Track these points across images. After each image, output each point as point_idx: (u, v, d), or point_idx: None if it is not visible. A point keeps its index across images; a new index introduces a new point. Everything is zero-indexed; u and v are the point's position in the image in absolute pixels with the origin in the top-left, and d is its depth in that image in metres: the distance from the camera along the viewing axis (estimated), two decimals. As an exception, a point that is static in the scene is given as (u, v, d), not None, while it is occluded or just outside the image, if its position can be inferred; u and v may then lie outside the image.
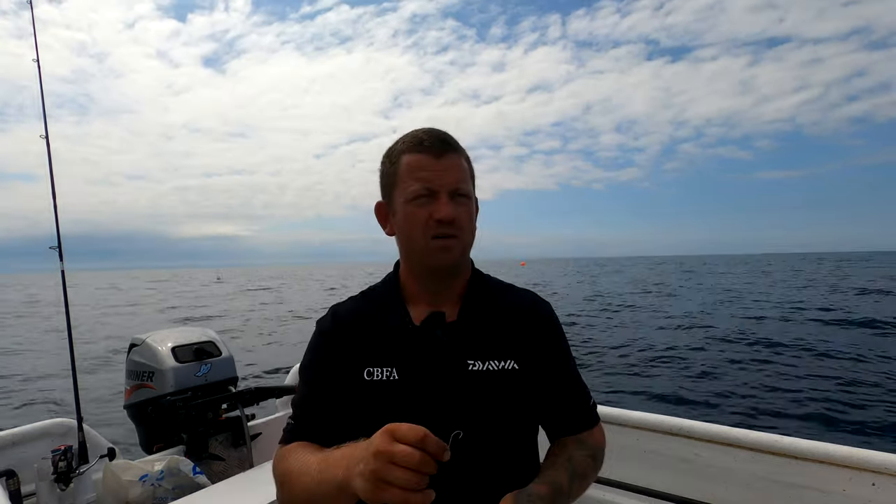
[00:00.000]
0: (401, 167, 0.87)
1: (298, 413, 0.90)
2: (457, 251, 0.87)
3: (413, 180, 0.85)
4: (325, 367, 0.89)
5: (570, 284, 35.61)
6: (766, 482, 1.48)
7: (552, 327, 0.94)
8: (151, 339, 2.16)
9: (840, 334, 11.03)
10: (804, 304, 16.98)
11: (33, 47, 2.13)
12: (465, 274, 0.96)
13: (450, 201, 0.84)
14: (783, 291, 22.96)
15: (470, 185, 0.90)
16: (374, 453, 0.58)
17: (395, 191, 0.89)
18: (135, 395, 2.14)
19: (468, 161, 0.92)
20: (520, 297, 0.96)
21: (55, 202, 2.08)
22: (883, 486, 1.31)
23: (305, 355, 0.93)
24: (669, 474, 1.66)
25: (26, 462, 1.78)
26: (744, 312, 15.54)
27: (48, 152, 2.11)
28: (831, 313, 14.11)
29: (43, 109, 2.12)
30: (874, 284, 24.12)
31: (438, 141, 0.86)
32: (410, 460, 0.56)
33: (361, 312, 0.93)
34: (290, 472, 0.78)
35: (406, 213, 0.86)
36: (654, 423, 1.69)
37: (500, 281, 1.01)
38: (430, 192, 0.84)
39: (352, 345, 0.89)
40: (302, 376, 0.93)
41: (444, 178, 0.84)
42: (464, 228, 0.87)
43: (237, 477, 1.70)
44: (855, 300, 17.57)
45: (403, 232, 0.89)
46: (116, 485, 1.70)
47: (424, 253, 0.87)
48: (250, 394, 2.16)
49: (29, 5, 2.14)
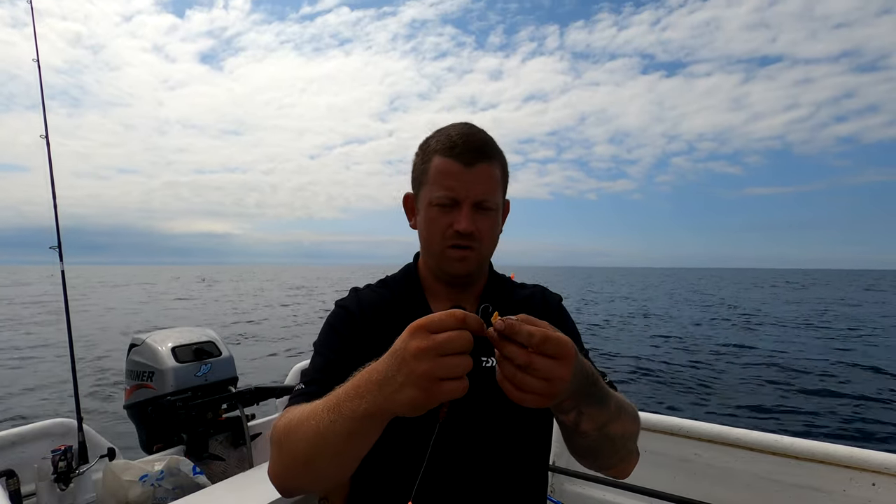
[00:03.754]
0: (430, 168, 0.86)
1: (310, 381, 0.82)
2: (472, 262, 0.87)
3: (439, 186, 0.84)
4: (344, 342, 0.86)
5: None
6: (766, 482, 1.48)
7: (561, 315, 0.97)
8: (151, 339, 2.16)
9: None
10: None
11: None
12: (484, 275, 0.98)
13: (472, 213, 0.83)
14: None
15: (498, 195, 0.88)
16: (415, 354, 0.52)
17: (422, 189, 0.88)
18: (135, 395, 2.14)
19: (503, 167, 0.89)
20: (531, 292, 1.00)
21: (55, 202, 2.09)
22: (883, 486, 1.31)
23: (324, 329, 0.90)
24: (669, 474, 1.66)
25: (26, 462, 1.78)
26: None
27: (48, 153, 2.11)
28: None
29: (43, 110, 2.12)
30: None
31: (472, 149, 0.83)
32: (461, 343, 0.52)
33: (384, 301, 0.93)
34: (290, 423, 0.68)
35: (428, 216, 0.86)
36: (654, 423, 1.69)
37: (513, 281, 1.04)
38: (454, 201, 0.83)
39: (374, 331, 0.87)
40: (318, 348, 0.88)
41: (471, 189, 0.83)
42: (483, 241, 0.87)
43: (237, 477, 1.70)
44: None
45: (423, 233, 0.90)
46: (116, 485, 1.70)
47: (440, 258, 0.87)
48: (250, 394, 2.17)
49: (29, 4, 2.14)
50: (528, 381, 0.54)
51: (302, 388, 0.81)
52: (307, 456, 0.65)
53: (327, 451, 0.63)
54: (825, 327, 15.81)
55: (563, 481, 1.90)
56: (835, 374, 8.99)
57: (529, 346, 0.53)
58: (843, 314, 20.42)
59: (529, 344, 0.53)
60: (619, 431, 0.73)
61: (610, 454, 0.77)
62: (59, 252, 2.07)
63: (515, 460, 0.86)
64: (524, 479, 0.87)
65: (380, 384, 0.56)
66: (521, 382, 0.54)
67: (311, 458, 0.65)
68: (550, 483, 1.92)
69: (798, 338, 13.13)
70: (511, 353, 0.54)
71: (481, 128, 0.88)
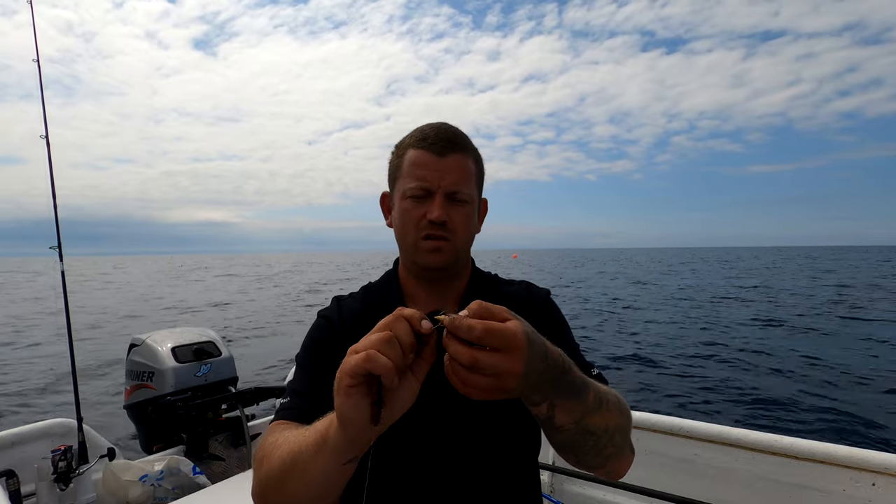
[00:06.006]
0: (404, 161, 0.86)
1: (293, 395, 0.83)
2: (446, 253, 0.86)
3: (412, 177, 0.85)
4: (325, 353, 0.86)
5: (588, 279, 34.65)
6: (766, 482, 1.48)
7: (548, 308, 0.94)
8: (151, 339, 2.16)
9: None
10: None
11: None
12: (465, 275, 0.96)
13: (445, 203, 0.84)
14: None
15: (472, 186, 0.88)
16: (341, 369, 0.53)
17: (396, 184, 0.89)
18: (135, 395, 2.14)
19: (477, 162, 0.90)
20: (516, 290, 0.97)
21: (55, 202, 2.09)
22: (883, 486, 1.31)
23: (305, 342, 0.91)
24: (669, 474, 1.66)
25: (26, 462, 1.79)
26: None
27: (48, 155, 2.12)
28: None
29: (43, 110, 2.13)
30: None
31: (443, 140, 0.84)
32: (382, 337, 0.52)
33: (363, 309, 0.92)
34: (269, 444, 0.70)
35: (402, 208, 0.86)
36: (654, 423, 1.69)
37: (498, 277, 1.02)
38: (427, 191, 0.84)
39: (354, 339, 0.87)
40: (299, 361, 0.89)
41: (443, 178, 0.84)
42: (457, 231, 0.86)
43: (237, 477, 1.70)
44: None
45: (398, 226, 0.89)
46: (116, 485, 1.70)
47: (414, 251, 0.87)
48: (250, 394, 2.17)
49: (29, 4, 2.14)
50: (474, 380, 0.52)
51: (286, 403, 0.81)
52: (280, 483, 0.65)
53: (301, 482, 0.63)
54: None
55: (563, 481, 1.90)
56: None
57: (471, 340, 0.50)
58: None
59: (470, 339, 0.50)
60: (600, 425, 0.67)
61: (594, 451, 0.70)
62: (59, 253, 2.07)
63: (501, 459, 0.85)
64: (512, 478, 0.86)
65: (336, 418, 0.56)
66: (466, 380, 0.52)
67: (284, 485, 0.64)
68: (550, 483, 1.92)
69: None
70: (454, 351, 0.51)
71: (457, 127, 0.89)
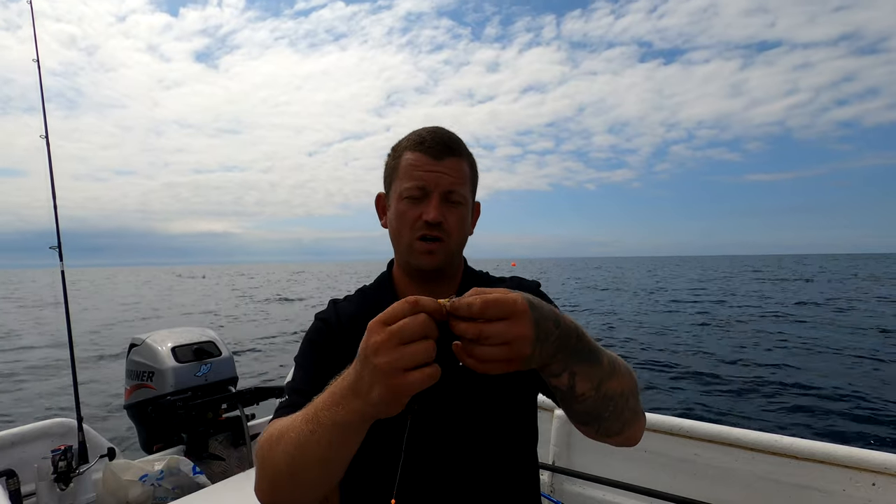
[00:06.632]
0: (401, 163, 0.88)
1: (292, 393, 0.83)
2: (440, 256, 0.87)
3: (408, 178, 0.86)
4: (323, 354, 0.87)
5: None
6: (766, 482, 1.48)
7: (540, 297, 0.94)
8: (151, 339, 2.16)
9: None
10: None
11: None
12: (458, 276, 0.97)
13: (441, 204, 0.85)
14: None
15: (467, 189, 0.89)
16: (375, 350, 0.52)
17: (392, 186, 0.90)
18: (135, 395, 2.14)
19: (472, 166, 0.91)
20: (507, 284, 0.97)
21: (55, 202, 2.09)
22: (883, 486, 1.31)
23: (303, 344, 0.91)
24: (669, 474, 1.66)
25: (26, 462, 1.78)
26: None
27: (48, 155, 2.12)
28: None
29: (43, 109, 2.13)
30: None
31: (440, 142, 0.86)
32: (418, 327, 0.51)
33: (361, 311, 0.93)
34: (270, 438, 0.68)
35: (398, 209, 0.87)
36: (654, 423, 1.69)
37: (490, 276, 1.02)
38: (423, 192, 0.85)
39: (351, 341, 0.88)
40: (298, 361, 0.90)
41: (439, 179, 0.85)
42: (451, 233, 0.87)
43: (237, 477, 1.70)
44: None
45: (393, 227, 0.90)
46: (116, 485, 1.71)
47: (409, 252, 0.88)
48: (250, 394, 2.17)
49: (29, 5, 2.14)
50: (486, 352, 0.53)
51: (285, 402, 0.81)
52: (290, 469, 0.65)
53: (309, 462, 0.63)
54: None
55: (562, 481, 1.90)
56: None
57: (473, 315, 0.52)
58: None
59: (472, 314, 0.52)
60: (617, 389, 0.69)
61: (613, 417, 0.71)
62: (59, 252, 2.07)
63: (500, 457, 0.86)
64: (511, 476, 0.87)
65: (352, 389, 0.56)
66: (479, 355, 0.53)
67: (294, 470, 0.65)
68: (550, 483, 1.92)
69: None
70: (460, 329, 0.53)
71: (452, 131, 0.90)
